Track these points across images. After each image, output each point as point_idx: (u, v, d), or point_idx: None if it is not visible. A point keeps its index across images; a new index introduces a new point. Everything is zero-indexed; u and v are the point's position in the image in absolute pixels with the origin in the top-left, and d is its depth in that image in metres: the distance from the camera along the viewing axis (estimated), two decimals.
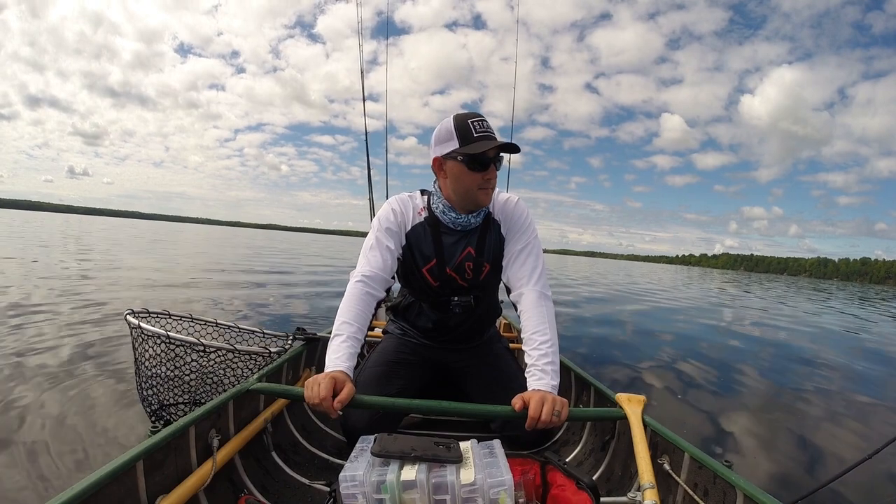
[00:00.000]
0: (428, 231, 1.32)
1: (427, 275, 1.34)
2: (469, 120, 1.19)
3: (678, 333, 5.99)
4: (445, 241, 1.32)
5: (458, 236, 1.32)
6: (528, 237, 1.32)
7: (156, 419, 1.59)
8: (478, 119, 1.20)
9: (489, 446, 0.89)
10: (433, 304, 1.41)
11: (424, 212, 1.34)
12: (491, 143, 1.18)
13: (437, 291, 1.37)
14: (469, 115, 1.21)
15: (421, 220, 1.33)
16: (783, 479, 1.95)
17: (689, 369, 3.89)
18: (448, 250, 1.32)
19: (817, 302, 16.27)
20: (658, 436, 1.17)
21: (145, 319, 1.64)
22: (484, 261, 1.34)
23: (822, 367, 4.50)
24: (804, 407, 3.10)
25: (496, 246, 1.34)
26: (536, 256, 1.31)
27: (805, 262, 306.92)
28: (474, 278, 1.35)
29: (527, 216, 1.35)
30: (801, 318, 9.39)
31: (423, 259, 1.33)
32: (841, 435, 2.61)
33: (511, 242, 1.32)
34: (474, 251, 1.32)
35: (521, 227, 1.33)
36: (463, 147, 1.18)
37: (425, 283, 1.36)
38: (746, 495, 0.88)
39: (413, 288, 1.42)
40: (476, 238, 1.33)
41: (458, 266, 1.33)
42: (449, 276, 1.33)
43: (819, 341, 6.36)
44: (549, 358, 1.14)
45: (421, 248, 1.32)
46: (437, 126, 1.25)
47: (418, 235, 1.32)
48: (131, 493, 0.82)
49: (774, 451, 2.23)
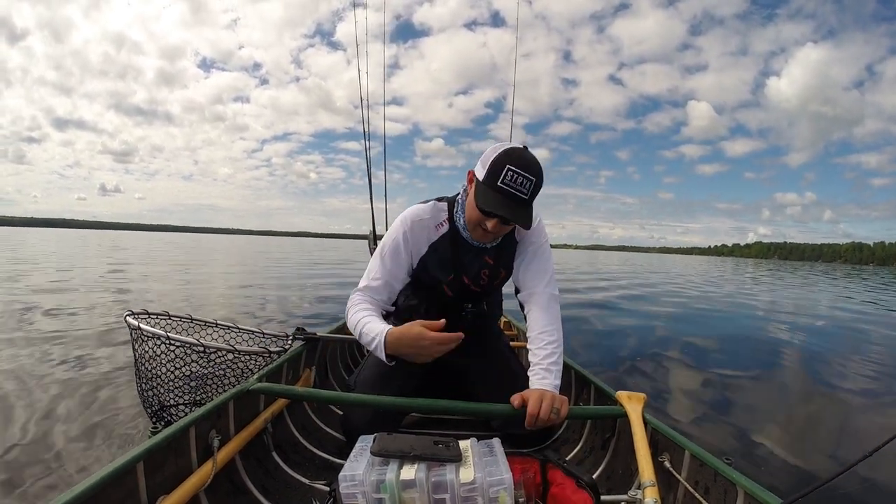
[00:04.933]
0: (448, 247, 1.28)
1: (446, 287, 1.33)
2: (508, 165, 1.07)
3: (680, 330, 5.98)
4: (464, 256, 1.30)
5: (477, 249, 1.31)
6: (540, 240, 1.32)
7: (156, 420, 1.59)
8: (517, 168, 1.06)
9: (489, 445, 0.89)
10: (443, 311, 1.40)
11: (446, 224, 1.28)
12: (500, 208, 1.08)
13: (451, 300, 1.36)
14: (516, 156, 1.08)
15: (441, 235, 1.28)
16: (784, 476, 1.95)
17: (690, 367, 3.88)
18: (467, 264, 1.31)
19: (828, 287, 16.12)
20: (659, 434, 1.17)
21: (145, 320, 1.64)
22: (501, 268, 1.34)
23: (827, 363, 4.49)
24: (806, 403, 3.10)
25: (511, 251, 1.34)
26: (547, 259, 1.32)
27: (840, 247, 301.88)
28: (489, 284, 1.35)
29: (538, 219, 1.34)
30: (808, 309, 9.32)
31: (442, 274, 1.31)
32: (844, 430, 2.60)
33: (523, 245, 1.33)
34: (492, 260, 1.32)
35: (534, 230, 1.32)
36: (484, 183, 1.10)
37: (442, 295, 1.35)
38: (747, 493, 0.88)
39: (423, 297, 1.40)
40: (494, 248, 1.32)
41: (475, 276, 1.33)
42: (465, 285, 1.33)
43: (825, 334, 6.34)
44: (553, 358, 1.14)
45: (440, 264, 1.30)
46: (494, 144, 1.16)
47: (437, 252, 1.29)
48: (132, 493, 0.82)
49: (776, 448, 2.23)
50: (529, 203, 1.11)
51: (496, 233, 1.17)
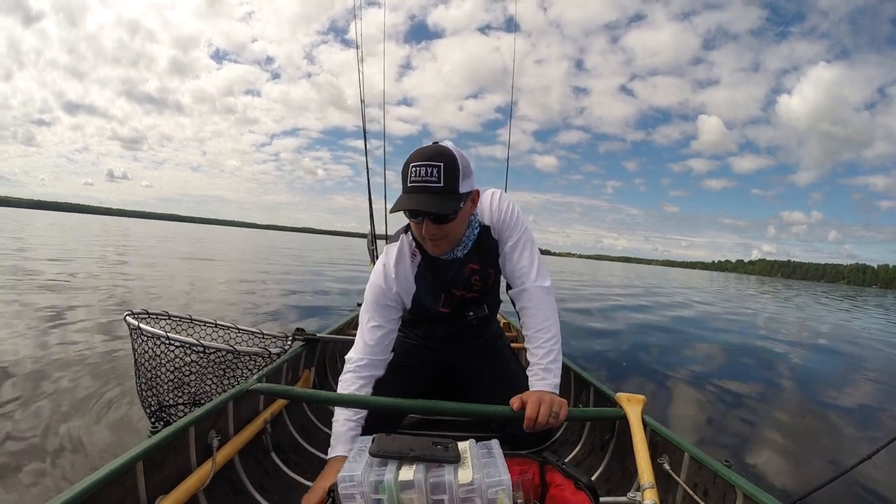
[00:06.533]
0: (427, 274, 1.25)
1: (442, 309, 1.31)
2: (411, 163, 1.03)
3: (680, 335, 5.98)
4: (447, 273, 1.26)
5: (455, 263, 1.26)
6: (519, 232, 1.26)
7: (155, 420, 1.59)
8: (419, 162, 1.02)
9: (487, 446, 0.89)
10: (448, 325, 1.38)
11: (417, 253, 1.24)
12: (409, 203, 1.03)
13: (451, 315, 1.34)
14: (417, 154, 1.05)
15: (418, 264, 1.25)
16: (783, 478, 1.94)
17: (689, 370, 3.88)
18: (453, 279, 1.27)
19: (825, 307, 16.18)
20: (658, 435, 1.17)
21: (144, 320, 1.64)
22: (489, 269, 1.30)
23: (823, 368, 4.49)
24: (804, 407, 3.10)
25: (493, 251, 1.30)
26: (531, 250, 1.26)
27: (843, 268, 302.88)
28: (483, 287, 1.32)
29: (513, 211, 1.27)
30: (806, 323, 9.36)
31: (434, 300, 1.29)
32: (841, 435, 2.60)
33: (503, 242, 1.28)
34: (476, 265, 1.28)
35: (510, 223, 1.26)
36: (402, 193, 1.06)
37: (440, 315, 1.32)
38: (746, 495, 0.88)
39: (423, 320, 1.38)
40: (474, 253, 1.27)
41: (465, 285, 1.30)
42: (460, 297, 1.31)
43: (822, 345, 6.34)
44: (552, 356, 1.13)
45: (429, 292, 1.27)
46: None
47: (422, 283, 1.26)
48: (131, 493, 0.82)
49: (774, 450, 2.23)
50: (447, 190, 1.02)
51: (437, 236, 1.10)
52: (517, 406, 1.04)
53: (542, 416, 1.01)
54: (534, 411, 1.02)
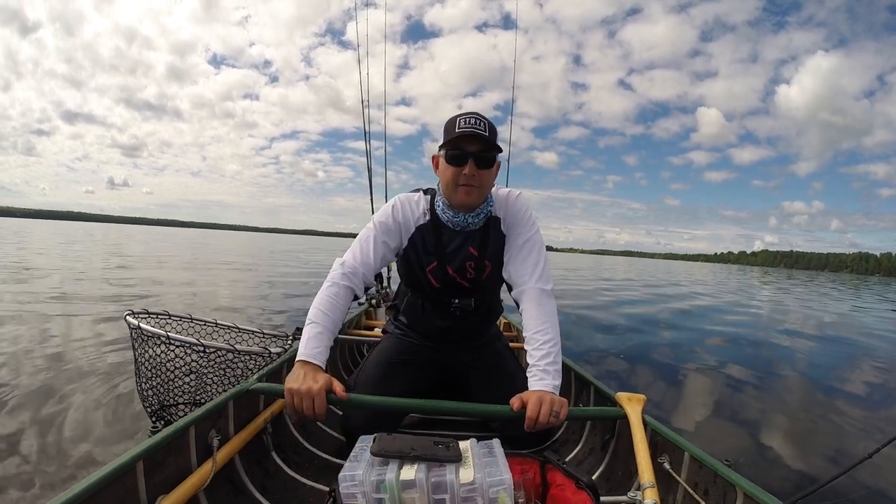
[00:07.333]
0: (431, 232, 1.30)
1: (430, 276, 1.33)
2: (459, 116, 1.19)
3: (680, 332, 5.98)
4: (447, 242, 1.31)
5: (461, 237, 1.31)
6: (529, 232, 1.29)
7: (156, 419, 1.59)
8: (466, 116, 1.18)
9: (488, 446, 0.89)
10: (434, 306, 1.41)
11: (428, 213, 1.31)
12: (464, 142, 1.17)
13: (438, 292, 1.36)
14: (464, 113, 1.20)
15: (426, 222, 1.31)
16: (783, 478, 1.95)
17: (689, 369, 3.88)
18: (450, 251, 1.31)
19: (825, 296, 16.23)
20: (658, 435, 1.17)
21: (145, 320, 1.64)
22: (486, 260, 1.32)
23: (824, 366, 4.49)
24: (805, 406, 3.10)
25: (498, 244, 1.31)
26: (538, 252, 1.28)
27: (846, 257, 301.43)
28: (476, 278, 1.33)
29: (527, 210, 1.32)
30: (807, 316, 9.36)
31: (426, 259, 1.32)
32: (842, 433, 2.60)
33: (511, 238, 1.30)
34: (476, 251, 1.31)
35: (522, 221, 1.30)
36: (446, 144, 1.19)
37: (428, 285, 1.35)
38: (747, 494, 0.88)
39: (415, 289, 1.42)
40: (479, 237, 1.31)
41: (459, 267, 1.32)
42: (451, 277, 1.32)
43: (825, 339, 6.34)
44: (550, 358, 1.13)
45: (424, 248, 1.31)
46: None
47: (422, 236, 1.31)
48: (131, 493, 0.82)
49: (775, 449, 2.23)
50: (490, 140, 1.17)
51: (474, 182, 1.19)
52: (518, 406, 1.04)
53: (543, 415, 1.01)
54: (534, 411, 1.02)
